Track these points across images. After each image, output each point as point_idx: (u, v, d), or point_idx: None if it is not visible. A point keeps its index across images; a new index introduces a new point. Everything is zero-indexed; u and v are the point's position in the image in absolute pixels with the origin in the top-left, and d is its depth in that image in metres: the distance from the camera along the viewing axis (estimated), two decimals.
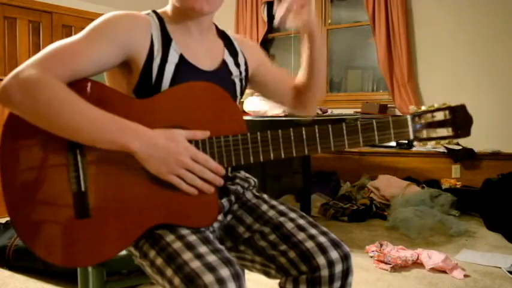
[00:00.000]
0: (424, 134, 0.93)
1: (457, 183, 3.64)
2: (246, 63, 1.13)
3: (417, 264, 2.23)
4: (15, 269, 2.15)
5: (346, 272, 0.93)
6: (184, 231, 0.89)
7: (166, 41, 0.98)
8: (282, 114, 2.77)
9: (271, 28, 5.29)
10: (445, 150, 3.76)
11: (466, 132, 0.92)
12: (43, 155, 0.87)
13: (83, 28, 0.93)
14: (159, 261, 0.86)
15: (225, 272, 0.79)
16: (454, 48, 4.05)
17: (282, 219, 1.00)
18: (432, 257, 2.20)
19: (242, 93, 1.13)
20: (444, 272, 2.12)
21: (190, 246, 0.85)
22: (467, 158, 3.67)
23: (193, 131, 0.91)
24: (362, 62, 4.91)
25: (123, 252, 1.03)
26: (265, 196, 1.10)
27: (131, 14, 0.95)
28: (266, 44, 5.34)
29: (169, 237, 0.88)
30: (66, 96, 0.83)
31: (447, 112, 0.92)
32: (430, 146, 1.00)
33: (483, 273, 2.12)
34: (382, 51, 4.31)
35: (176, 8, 1.00)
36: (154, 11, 1.02)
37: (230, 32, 1.16)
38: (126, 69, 0.96)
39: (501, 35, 3.84)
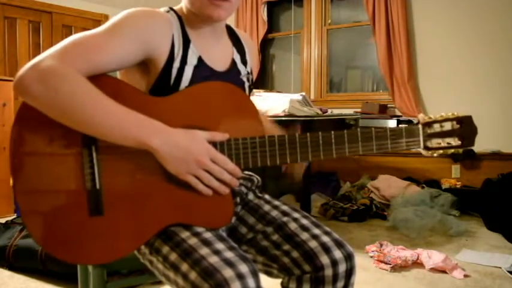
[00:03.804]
0: (433, 143, 0.96)
1: (457, 183, 3.64)
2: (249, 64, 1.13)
3: (417, 264, 2.23)
4: (15, 269, 2.15)
5: (350, 272, 0.93)
6: (199, 229, 0.89)
7: (186, 41, 0.96)
8: (282, 114, 2.77)
9: (271, 28, 5.29)
10: None
11: (471, 142, 0.96)
12: (57, 150, 0.86)
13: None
14: (173, 256, 0.85)
15: (244, 268, 0.79)
16: (454, 48, 4.06)
17: (285, 219, 1.00)
18: (432, 257, 2.20)
19: (249, 92, 1.12)
20: (444, 272, 2.12)
21: (206, 243, 0.85)
22: (467, 158, 3.67)
23: (213, 132, 0.90)
24: (362, 62, 4.91)
25: None
26: (266, 196, 1.10)
27: (153, 12, 0.93)
28: (266, 44, 5.34)
29: (184, 234, 0.88)
30: (88, 90, 0.80)
31: (455, 122, 0.95)
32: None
33: (483, 273, 2.12)
34: (382, 51, 4.30)
35: (191, 12, 0.98)
36: (172, 9, 0.99)
37: (236, 29, 1.15)
38: (143, 68, 0.94)
39: (501, 35, 3.84)
